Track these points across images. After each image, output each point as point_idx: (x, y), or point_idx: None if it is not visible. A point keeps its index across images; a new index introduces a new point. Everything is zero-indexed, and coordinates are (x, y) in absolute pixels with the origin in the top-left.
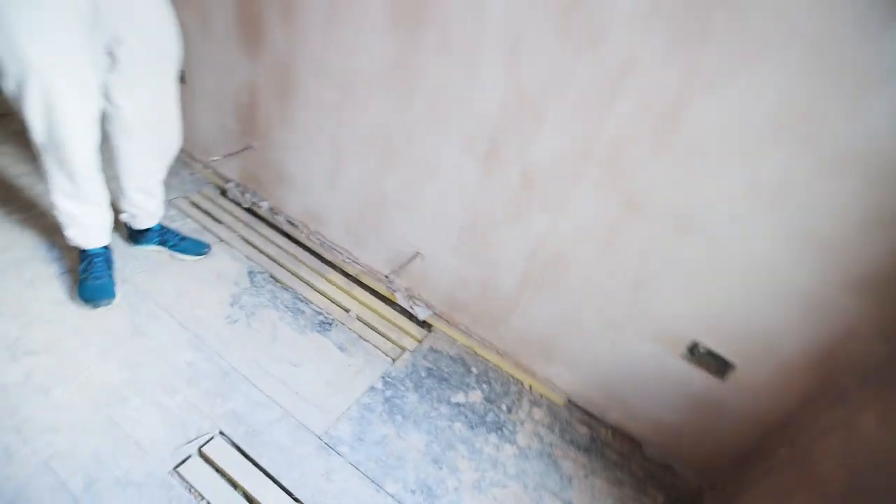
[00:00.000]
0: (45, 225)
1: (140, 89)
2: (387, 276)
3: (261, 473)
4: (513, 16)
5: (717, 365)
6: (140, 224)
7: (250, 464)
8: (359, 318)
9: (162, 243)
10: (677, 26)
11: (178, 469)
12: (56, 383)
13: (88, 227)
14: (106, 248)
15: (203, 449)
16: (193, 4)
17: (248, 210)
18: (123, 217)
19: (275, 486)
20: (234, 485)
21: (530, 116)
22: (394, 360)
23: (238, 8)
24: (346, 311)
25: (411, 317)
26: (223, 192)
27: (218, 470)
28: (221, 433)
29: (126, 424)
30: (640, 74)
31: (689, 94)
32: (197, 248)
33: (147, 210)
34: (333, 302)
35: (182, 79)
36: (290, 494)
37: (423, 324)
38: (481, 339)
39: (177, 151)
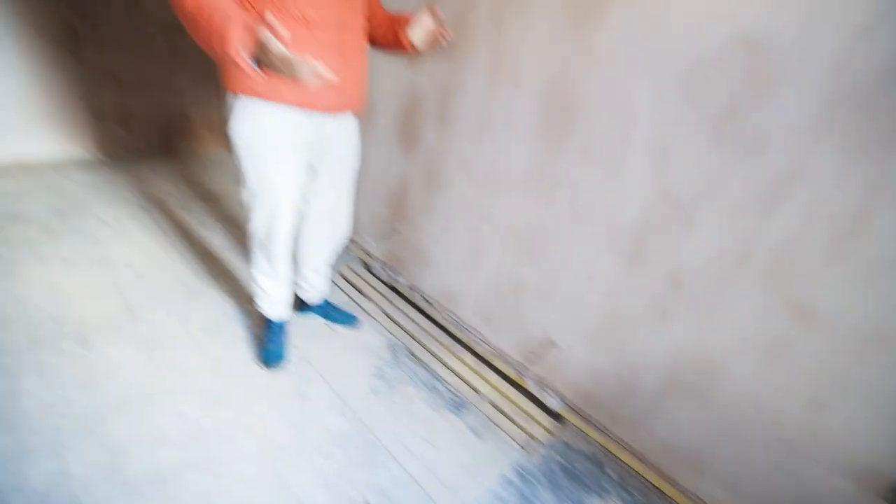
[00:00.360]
0: (243, 295)
1: (328, 193)
2: (518, 362)
3: None
4: (661, 126)
5: None
6: (309, 298)
7: None
8: (490, 402)
9: (321, 314)
10: (854, 137)
11: None
12: (239, 435)
13: (275, 301)
14: (285, 320)
15: None
16: (366, 110)
17: (389, 286)
18: (296, 290)
19: None
20: None
21: (679, 220)
22: (525, 450)
23: (400, 113)
24: (478, 392)
25: (542, 406)
26: (368, 268)
27: None
28: None
29: (292, 482)
30: (809, 182)
31: (872, 205)
32: (348, 319)
33: (316, 287)
34: (466, 382)
35: None
36: None
37: (555, 415)
38: (618, 440)
39: (346, 241)
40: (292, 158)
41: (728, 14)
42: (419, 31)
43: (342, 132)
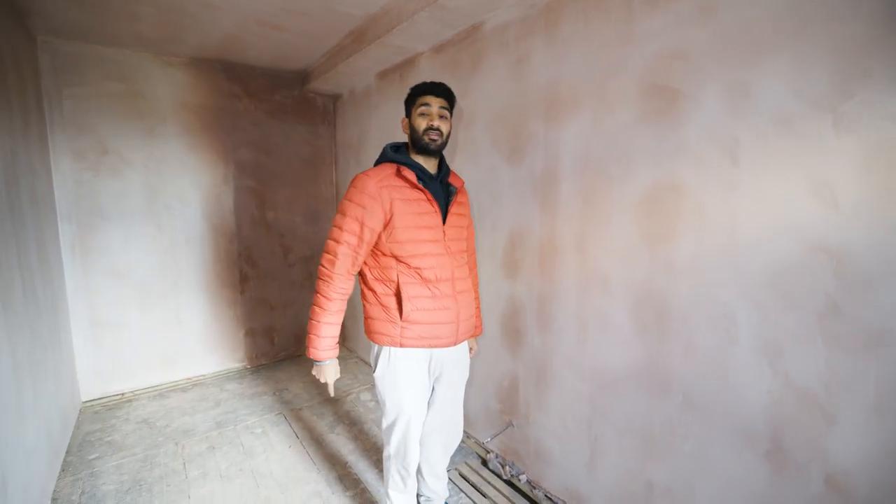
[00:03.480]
0: (368, 500)
1: (445, 406)
2: None
3: None
4: (764, 323)
5: None
6: None
7: None
8: None
9: None
10: None
11: None
12: None
13: None
14: None
15: None
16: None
17: (508, 482)
18: (421, 501)
19: None
20: None
21: (816, 415)
22: None
23: (503, 317)
24: None
25: None
26: (484, 462)
27: None
28: None
29: None
30: None
31: None
32: None
33: (437, 492)
34: None
35: None
36: None
37: None
38: None
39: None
40: (420, 387)
41: (797, 227)
42: None
43: (458, 356)
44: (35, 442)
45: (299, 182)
